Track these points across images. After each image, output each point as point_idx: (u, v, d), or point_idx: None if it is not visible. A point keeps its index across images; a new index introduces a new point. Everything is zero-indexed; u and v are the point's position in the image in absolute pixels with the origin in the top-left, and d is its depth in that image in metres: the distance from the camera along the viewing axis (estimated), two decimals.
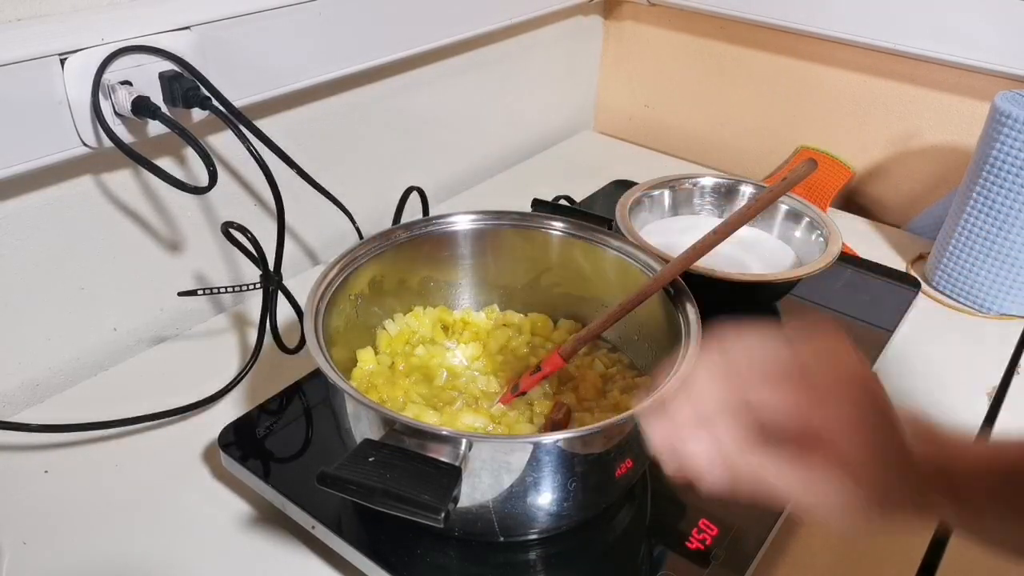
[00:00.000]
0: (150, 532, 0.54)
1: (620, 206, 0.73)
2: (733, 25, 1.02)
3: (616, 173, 0.98)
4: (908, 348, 0.72)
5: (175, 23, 0.60)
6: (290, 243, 0.82)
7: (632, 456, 0.49)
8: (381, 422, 0.45)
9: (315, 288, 0.53)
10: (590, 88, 1.19)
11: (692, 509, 0.52)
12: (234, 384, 0.65)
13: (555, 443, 0.45)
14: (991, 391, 0.68)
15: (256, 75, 0.67)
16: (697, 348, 0.50)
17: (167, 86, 0.59)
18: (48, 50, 0.54)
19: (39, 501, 0.56)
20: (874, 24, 0.88)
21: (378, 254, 0.59)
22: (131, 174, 0.65)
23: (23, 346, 0.64)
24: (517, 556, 0.50)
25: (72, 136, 0.57)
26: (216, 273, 0.75)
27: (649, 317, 0.58)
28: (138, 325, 0.71)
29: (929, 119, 0.92)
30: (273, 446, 0.56)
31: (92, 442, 0.60)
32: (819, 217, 0.73)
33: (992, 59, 0.83)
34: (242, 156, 0.61)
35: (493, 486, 0.45)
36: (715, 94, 1.08)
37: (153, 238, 0.69)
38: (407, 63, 0.85)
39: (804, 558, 0.53)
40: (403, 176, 0.91)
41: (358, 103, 0.82)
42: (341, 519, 0.51)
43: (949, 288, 0.81)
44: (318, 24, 0.70)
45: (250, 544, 0.53)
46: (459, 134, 0.99)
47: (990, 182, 0.74)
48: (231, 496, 0.56)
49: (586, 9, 1.09)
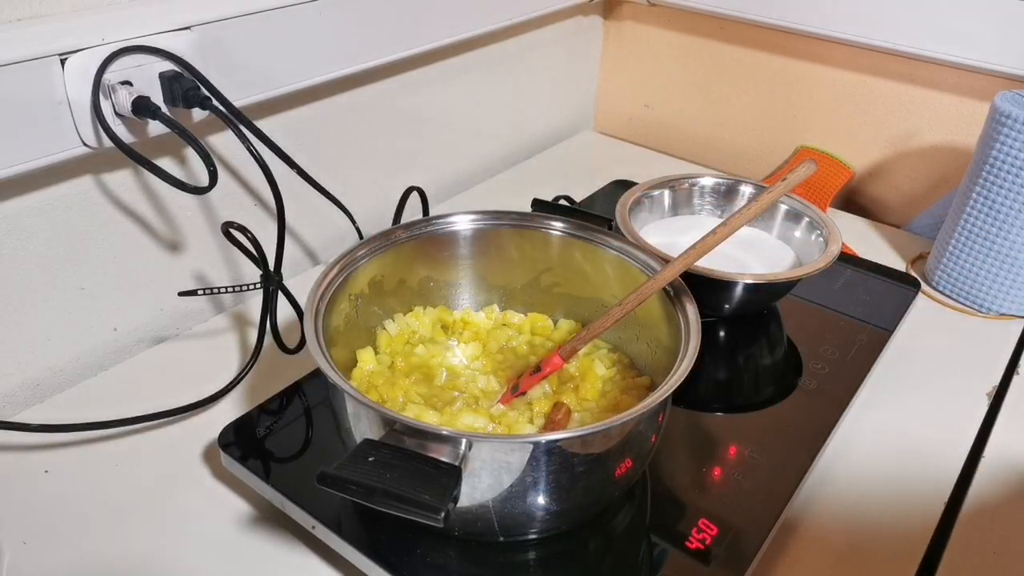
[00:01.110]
0: (150, 532, 0.54)
1: (620, 206, 0.73)
2: (733, 25, 1.02)
3: (616, 173, 0.98)
4: (908, 348, 0.72)
5: (175, 23, 0.60)
6: (290, 243, 0.82)
7: (632, 456, 0.49)
8: (381, 422, 0.45)
9: (315, 288, 0.53)
10: (590, 88, 1.19)
11: (692, 509, 0.52)
12: (234, 384, 0.65)
13: (555, 443, 0.45)
14: (991, 391, 0.68)
15: (256, 75, 0.67)
16: (697, 348, 0.50)
17: (167, 86, 0.59)
18: (48, 50, 0.54)
19: (39, 501, 0.56)
20: (874, 24, 0.88)
21: (378, 254, 0.59)
22: (131, 174, 0.65)
23: (23, 346, 0.64)
24: (517, 556, 0.50)
25: (72, 136, 0.57)
26: (216, 273, 0.75)
27: (649, 317, 0.58)
28: (138, 325, 0.71)
29: (929, 119, 0.92)
30: (273, 446, 0.56)
31: (92, 442, 0.60)
32: (819, 217, 0.73)
33: (992, 59, 0.83)
34: (242, 156, 0.61)
35: (493, 486, 0.45)
36: (715, 94, 1.08)
37: (153, 238, 0.69)
38: (407, 63, 0.85)
39: (804, 558, 0.53)
40: (403, 176, 0.91)
41: (358, 103, 0.82)
42: (341, 519, 0.51)
43: (949, 288, 0.81)
44: (318, 24, 0.70)
45: (250, 544, 0.53)
46: (459, 134, 0.99)
47: (990, 182, 0.74)
48: (231, 496, 0.56)
49: (586, 9, 1.09)
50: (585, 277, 0.63)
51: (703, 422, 0.61)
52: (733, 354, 0.70)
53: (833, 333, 0.71)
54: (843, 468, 0.60)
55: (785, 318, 0.73)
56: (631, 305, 0.54)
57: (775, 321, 0.73)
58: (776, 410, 0.63)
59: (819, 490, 0.58)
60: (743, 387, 0.67)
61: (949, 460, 0.61)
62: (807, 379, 0.65)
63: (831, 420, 0.60)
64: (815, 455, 0.57)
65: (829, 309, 0.74)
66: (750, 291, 0.67)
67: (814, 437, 0.59)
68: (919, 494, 0.58)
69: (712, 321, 0.71)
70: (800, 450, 0.57)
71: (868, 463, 0.61)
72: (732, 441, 0.59)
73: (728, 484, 0.55)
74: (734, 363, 0.69)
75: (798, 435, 0.59)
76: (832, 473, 0.59)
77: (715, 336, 0.71)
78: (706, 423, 0.61)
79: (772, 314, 0.74)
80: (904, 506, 0.57)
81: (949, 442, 0.63)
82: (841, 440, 0.62)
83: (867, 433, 0.63)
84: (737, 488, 0.54)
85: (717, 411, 0.63)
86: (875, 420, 0.65)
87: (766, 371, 0.68)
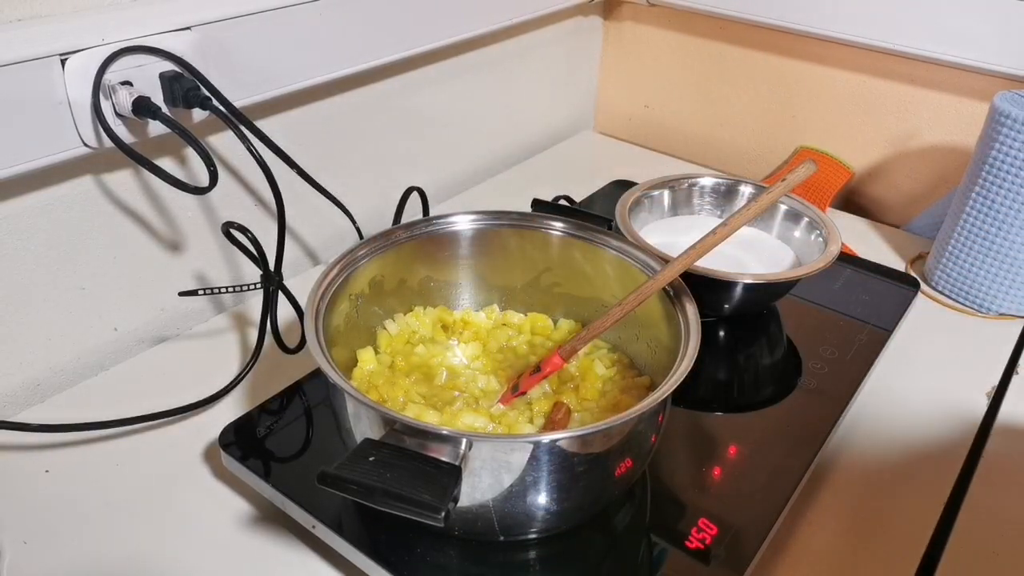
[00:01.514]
0: (150, 532, 0.54)
1: (620, 206, 0.73)
2: (733, 25, 1.02)
3: (616, 173, 0.98)
4: (907, 348, 0.72)
5: (176, 23, 0.60)
6: (290, 243, 0.82)
7: (632, 456, 0.49)
8: (381, 422, 0.45)
9: (315, 288, 0.53)
10: (590, 88, 1.19)
11: (692, 508, 0.52)
12: (234, 384, 0.65)
13: (555, 443, 0.45)
14: (990, 391, 0.68)
15: (256, 75, 0.67)
16: (696, 348, 0.50)
17: (167, 86, 0.59)
18: (49, 50, 0.54)
19: (39, 501, 0.56)
20: (874, 24, 0.88)
21: (378, 254, 0.59)
22: (131, 174, 0.65)
23: (24, 346, 0.64)
24: (517, 556, 0.50)
25: (73, 136, 0.57)
26: (216, 273, 0.75)
27: (649, 317, 0.58)
28: (139, 325, 0.71)
29: (928, 119, 0.92)
30: (273, 446, 0.56)
31: (92, 442, 0.60)
32: (818, 217, 0.73)
33: (991, 59, 0.83)
34: (242, 156, 0.61)
35: (493, 486, 0.45)
36: (715, 94, 1.08)
37: (154, 238, 0.69)
38: (407, 63, 0.85)
39: (804, 558, 0.53)
40: (403, 176, 0.91)
41: (358, 103, 0.82)
42: (341, 518, 0.51)
43: (948, 288, 0.81)
44: (318, 24, 0.70)
45: (250, 544, 0.53)
46: (459, 134, 0.99)
47: (989, 182, 0.74)
48: (231, 496, 0.57)
49: (586, 9, 1.09)
50: (585, 277, 0.63)
51: (703, 422, 0.61)
52: (733, 354, 0.70)
53: (833, 333, 0.71)
54: (843, 468, 0.60)
55: (785, 318, 0.73)
56: (631, 305, 0.54)
57: (775, 321, 0.73)
58: (776, 410, 0.63)
59: (819, 490, 0.58)
60: (743, 387, 0.67)
61: (949, 460, 0.61)
62: (807, 379, 0.65)
63: (831, 420, 0.60)
64: (815, 455, 0.57)
65: (829, 309, 0.74)
66: (750, 291, 0.67)
67: (814, 437, 0.59)
68: (919, 494, 0.58)
69: (712, 321, 0.71)
70: (800, 450, 0.57)
71: (868, 463, 0.61)
72: (732, 441, 0.59)
73: (728, 484, 0.55)
74: (734, 363, 0.69)
75: (798, 435, 0.59)
76: (832, 473, 0.59)
77: (715, 336, 0.71)
78: (706, 423, 0.61)
79: (772, 314, 0.74)
80: (903, 506, 0.57)
81: (949, 442, 0.63)
82: (841, 440, 0.62)
83: (867, 433, 0.63)
84: (737, 488, 0.54)
85: (717, 411, 0.63)
86: (875, 420, 0.65)
87: (766, 371, 0.68)
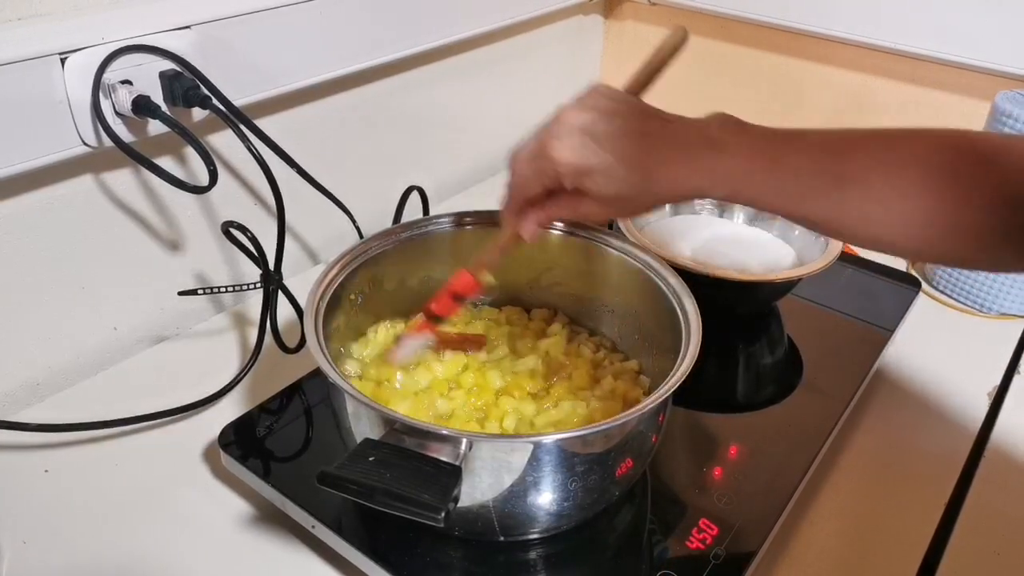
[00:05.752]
0: (150, 532, 0.54)
1: None
2: (734, 25, 1.01)
3: None
4: (908, 348, 0.72)
5: (175, 22, 0.60)
6: (290, 243, 0.82)
7: (632, 456, 0.49)
8: (381, 421, 0.45)
9: (315, 287, 0.53)
10: None
11: (692, 508, 0.52)
12: (234, 384, 0.65)
13: (555, 442, 0.45)
14: (991, 391, 0.68)
15: (256, 75, 0.67)
16: (697, 348, 0.50)
17: (167, 85, 0.59)
18: (48, 49, 0.54)
19: (39, 501, 0.56)
20: (875, 24, 0.88)
21: (378, 254, 0.59)
22: (131, 173, 0.65)
23: (23, 345, 0.64)
24: (517, 555, 0.50)
25: (72, 135, 0.57)
26: (216, 273, 0.75)
27: (649, 317, 0.58)
28: (138, 324, 0.71)
29: (930, 119, 0.92)
30: (273, 445, 0.56)
31: (92, 442, 0.60)
32: None
33: (992, 59, 0.83)
34: (242, 155, 0.61)
35: (493, 486, 0.45)
36: (715, 94, 1.08)
37: (153, 237, 0.69)
38: (407, 63, 0.85)
39: (804, 558, 0.53)
40: (403, 176, 0.91)
41: (358, 102, 0.82)
42: (341, 518, 0.51)
43: (949, 288, 0.81)
44: (318, 24, 0.70)
45: (250, 544, 0.53)
46: (459, 134, 0.99)
47: None
48: (231, 496, 0.56)
49: (586, 9, 1.09)
50: (585, 277, 0.63)
51: (703, 422, 0.61)
52: (733, 354, 0.70)
53: (833, 333, 0.71)
54: (843, 468, 0.60)
55: (785, 318, 0.73)
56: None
57: (775, 321, 0.73)
58: (776, 410, 0.63)
59: (819, 490, 0.58)
60: (743, 387, 0.67)
61: (949, 460, 0.61)
62: (807, 379, 0.65)
63: (831, 420, 0.60)
64: (815, 455, 0.57)
65: (829, 309, 0.74)
66: (750, 291, 0.67)
67: (814, 437, 0.58)
68: (919, 494, 0.58)
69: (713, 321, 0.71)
70: (800, 450, 0.57)
71: (868, 463, 0.61)
72: (732, 441, 0.59)
73: (728, 484, 0.55)
74: (734, 363, 0.69)
75: (798, 435, 0.59)
76: (832, 473, 0.59)
77: (716, 336, 0.70)
78: (706, 423, 0.61)
79: (772, 314, 0.74)
80: (904, 506, 0.57)
81: (949, 442, 0.63)
82: (841, 440, 0.62)
83: (867, 433, 0.63)
84: (737, 488, 0.54)
85: (717, 411, 0.63)
86: (875, 420, 0.65)
87: (766, 371, 0.68)
